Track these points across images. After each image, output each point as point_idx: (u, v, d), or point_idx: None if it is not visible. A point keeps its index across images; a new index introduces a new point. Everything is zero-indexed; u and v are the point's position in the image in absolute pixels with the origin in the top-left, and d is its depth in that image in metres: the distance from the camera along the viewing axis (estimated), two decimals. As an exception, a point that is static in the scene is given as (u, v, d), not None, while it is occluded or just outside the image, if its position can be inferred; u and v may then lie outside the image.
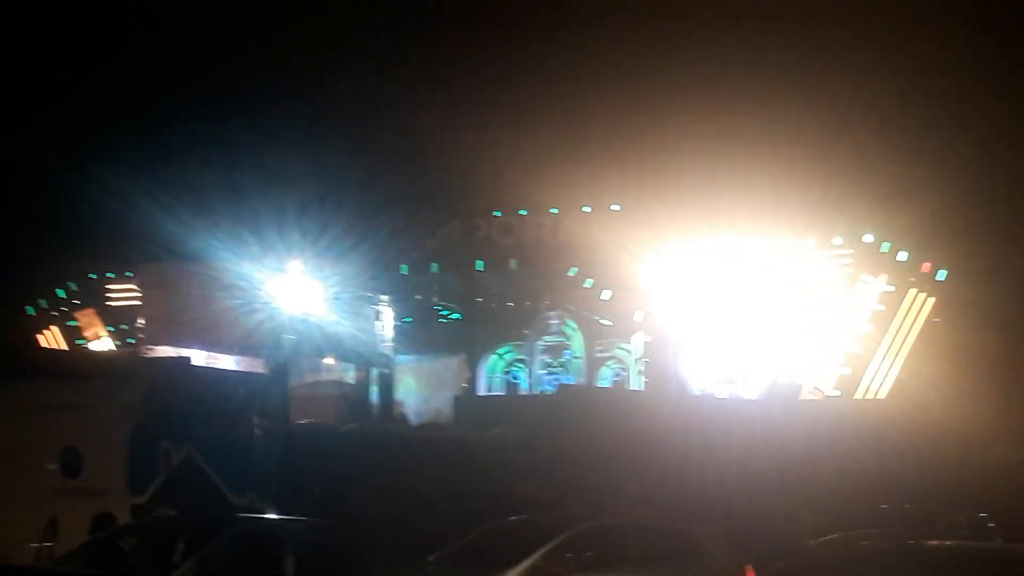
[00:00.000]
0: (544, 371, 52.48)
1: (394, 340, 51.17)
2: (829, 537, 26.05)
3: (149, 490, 25.65)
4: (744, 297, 48.34)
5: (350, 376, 49.61)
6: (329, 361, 48.92)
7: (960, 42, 49.44)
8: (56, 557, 22.54)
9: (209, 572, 20.31)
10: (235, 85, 53.48)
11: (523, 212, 50.98)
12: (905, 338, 47.88)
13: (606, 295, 49.80)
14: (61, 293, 54.14)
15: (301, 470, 32.20)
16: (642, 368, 50.55)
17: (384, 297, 50.92)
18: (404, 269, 50.89)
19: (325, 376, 48.50)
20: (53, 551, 23.21)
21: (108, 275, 53.67)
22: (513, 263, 50.93)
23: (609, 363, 52.30)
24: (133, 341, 50.05)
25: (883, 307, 47.80)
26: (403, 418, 48.63)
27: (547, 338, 52.69)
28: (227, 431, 30.37)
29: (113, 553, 21.42)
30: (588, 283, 49.77)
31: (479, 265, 51.05)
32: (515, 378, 53.22)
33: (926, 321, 47.80)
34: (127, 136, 53.48)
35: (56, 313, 54.17)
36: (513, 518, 25.52)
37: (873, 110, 49.62)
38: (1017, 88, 49.26)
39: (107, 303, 53.73)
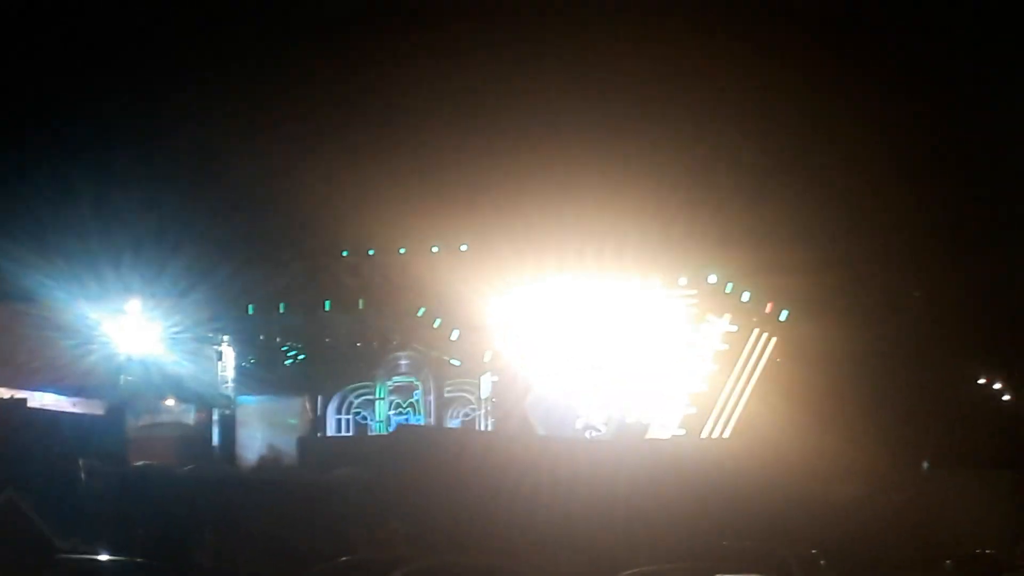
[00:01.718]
0: (393, 411, 52.10)
1: (236, 381, 50.54)
2: (630, 571, 26.40)
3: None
4: (591, 337, 48.53)
5: (191, 417, 48.91)
6: (169, 402, 48.21)
7: (797, 90, 50.25)
8: None
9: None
10: (73, 120, 52.46)
11: (371, 252, 50.72)
12: (749, 377, 48.42)
13: (455, 335, 49.66)
14: None
15: (134, 512, 31.69)
16: (490, 408, 50.42)
17: (226, 337, 50.32)
18: (251, 309, 50.29)
19: (165, 417, 47.77)
20: None
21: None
22: (361, 303, 50.61)
23: (458, 403, 52.10)
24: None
25: (727, 347, 48.27)
26: (243, 459, 48.02)
27: (396, 378, 52.37)
28: (58, 473, 29.83)
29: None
30: (437, 323, 49.57)
31: (327, 305, 50.60)
32: (364, 418, 52.76)
33: (769, 360, 48.38)
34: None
35: None
36: (344, 559, 25.34)
37: (717, 152, 50.06)
38: (855, 135, 50.12)
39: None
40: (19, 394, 41.14)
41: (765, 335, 48.46)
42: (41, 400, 41.58)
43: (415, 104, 53.36)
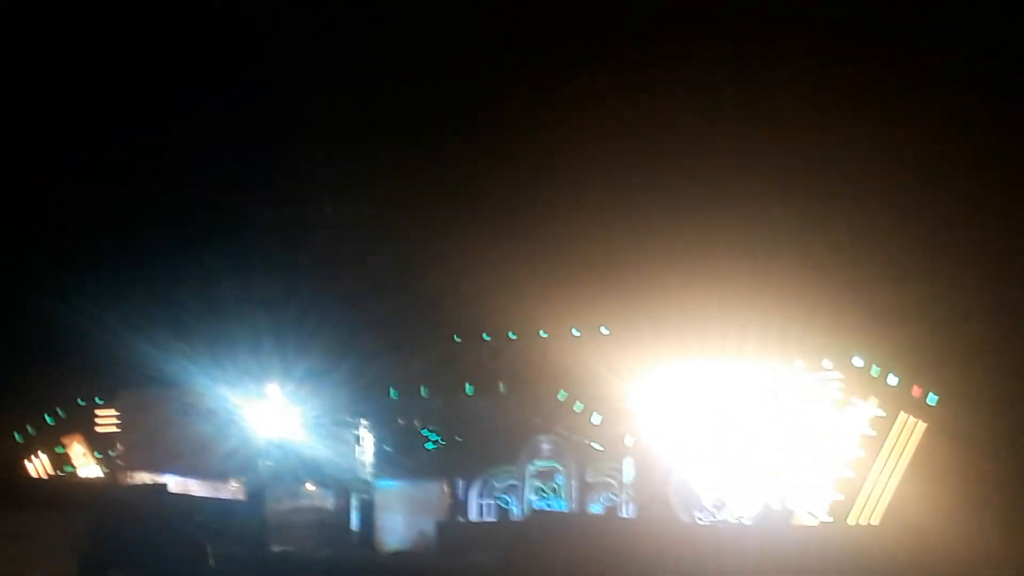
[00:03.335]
0: (535, 496, 51.73)
1: (376, 465, 50.66)
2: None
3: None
4: (734, 421, 47.83)
5: (330, 502, 49.03)
6: (309, 487, 48.39)
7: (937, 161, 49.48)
8: None
9: None
10: (208, 214, 53.51)
11: (512, 336, 50.74)
12: (897, 463, 47.21)
13: (596, 419, 49.29)
14: (49, 420, 53.66)
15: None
16: (632, 493, 49.82)
17: (365, 421, 50.51)
18: (394, 393, 50.52)
19: (304, 502, 47.94)
20: None
21: (96, 400, 53.24)
22: (502, 387, 50.55)
23: (600, 487, 51.58)
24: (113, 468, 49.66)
25: (874, 432, 47.18)
26: (382, 544, 48.00)
27: (538, 463, 52.03)
28: (196, 558, 30.02)
29: None
30: (578, 407, 49.28)
31: (468, 389, 50.64)
32: (506, 503, 52.45)
33: (917, 446, 47.15)
34: (104, 266, 53.41)
35: (44, 440, 53.67)
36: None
37: (861, 233, 49.38)
38: (1004, 218, 49.16)
39: (95, 429, 53.21)
40: (160, 479, 41.81)
41: (912, 419, 47.24)
42: (181, 485, 42.12)
43: (556, 188, 53.56)
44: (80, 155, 56.36)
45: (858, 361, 47.16)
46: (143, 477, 44.38)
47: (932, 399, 46.98)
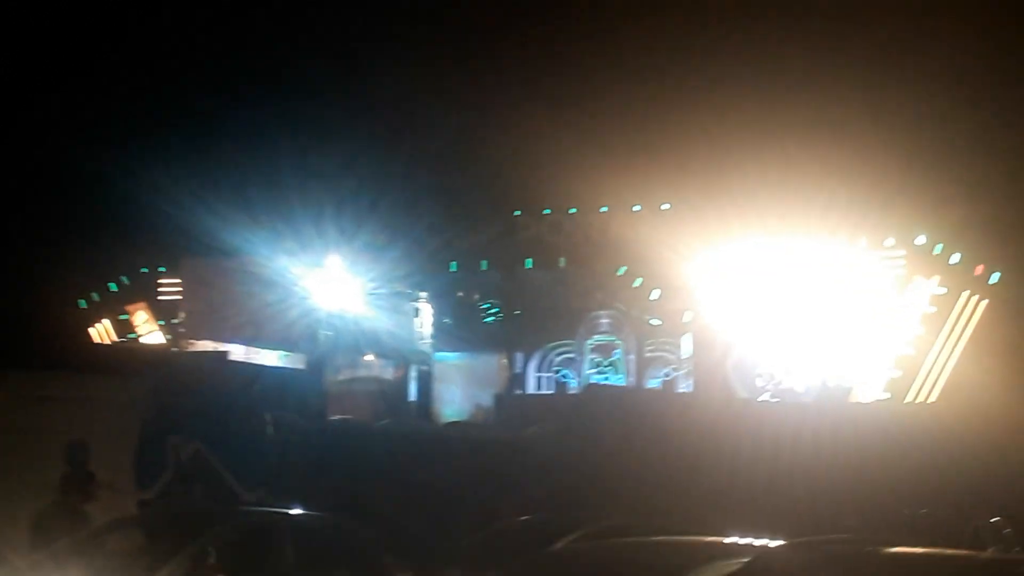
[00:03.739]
0: (594, 370, 52.00)
1: (435, 337, 51.01)
2: (796, 540, 25.69)
3: (156, 486, 25.60)
4: (794, 298, 47.64)
5: (388, 373, 49.45)
6: (367, 358, 48.79)
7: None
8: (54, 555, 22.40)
9: (205, 564, 20.15)
10: (270, 82, 53.58)
11: (573, 211, 50.69)
12: (957, 341, 46.97)
13: (655, 295, 49.30)
14: (113, 287, 54.26)
15: (327, 466, 32.08)
16: (691, 368, 49.96)
17: (424, 294, 50.76)
18: (454, 266, 50.70)
19: (362, 373, 48.35)
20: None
21: (160, 269, 53.76)
22: (562, 262, 50.59)
23: (659, 363, 51.77)
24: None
25: (935, 309, 46.88)
26: (439, 416, 48.45)
27: (597, 337, 52.24)
28: (255, 427, 30.30)
29: (99, 549, 21.24)
30: (637, 282, 49.29)
31: (528, 263, 50.71)
32: (564, 377, 52.79)
33: (978, 324, 46.86)
34: (168, 135, 53.76)
35: (108, 307, 54.33)
36: (524, 518, 25.27)
37: (923, 109, 48.75)
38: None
39: (158, 297, 53.81)
40: (222, 347, 42.22)
41: (975, 298, 46.90)
42: (243, 353, 42.54)
43: (617, 61, 53.24)
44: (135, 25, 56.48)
45: (921, 239, 46.82)
46: (205, 345, 44.86)
47: (994, 277, 46.66)
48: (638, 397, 44.42)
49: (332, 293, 46.91)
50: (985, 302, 46.89)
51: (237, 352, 42.03)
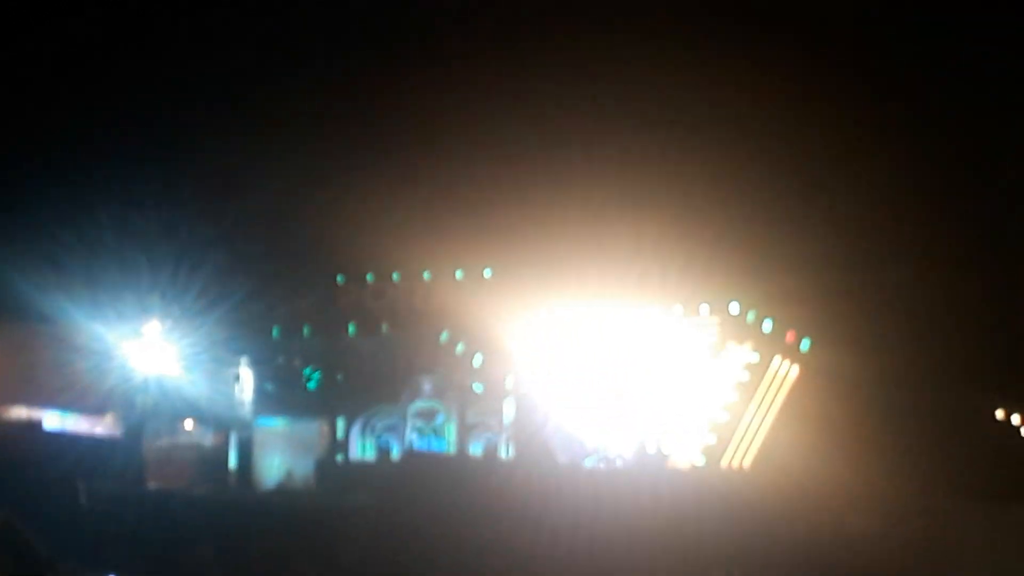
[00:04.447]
0: (416, 436, 52.03)
1: (255, 403, 50.69)
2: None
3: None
4: (612, 364, 48.39)
5: (208, 439, 49.02)
6: (187, 424, 48.34)
7: (827, 116, 50.26)
8: None
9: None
10: (90, 140, 52.99)
11: (396, 276, 50.95)
12: (770, 407, 48.14)
13: (478, 360, 49.68)
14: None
15: (143, 533, 31.81)
16: (511, 434, 50.30)
17: (245, 359, 50.50)
18: (276, 332, 50.55)
19: (182, 439, 47.89)
20: None
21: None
22: (385, 327, 50.77)
23: (480, 428, 51.99)
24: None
25: (748, 375, 47.99)
26: (259, 483, 48.11)
27: (419, 403, 52.31)
28: (68, 495, 29.95)
29: None
30: (460, 348, 49.62)
31: (351, 329, 50.81)
32: (386, 443, 52.71)
33: (790, 390, 48.10)
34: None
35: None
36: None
37: (737, 181, 50.12)
38: (877, 162, 50.11)
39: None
40: (35, 414, 41.54)
41: (786, 364, 48.17)
42: (57, 421, 41.89)
43: (441, 129, 53.68)
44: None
45: (734, 307, 47.92)
46: (17, 413, 44.04)
47: (805, 344, 47.96)
48: (457, 464, 44.69)
49: (150, 359, 46.47)
50: (796, 368, 48.20)
51: (51, 420, 41.39)
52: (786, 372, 48.22)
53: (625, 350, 48.27)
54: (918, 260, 50.00)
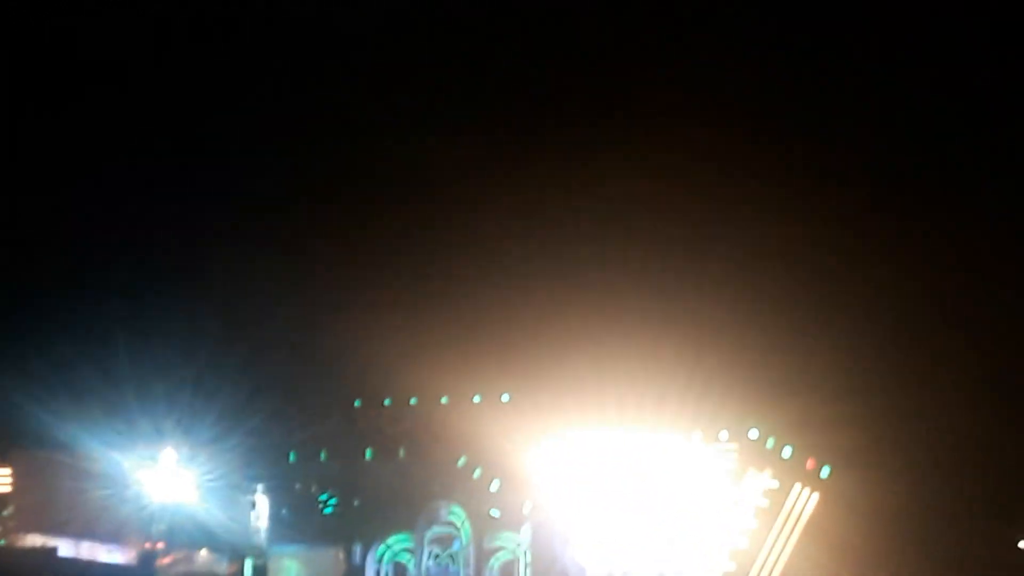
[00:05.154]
0: (432, 561, 51.64)
1: (271, 530, 50.37)
2: None
3: None
4: (631, 490, 48.13)
5: (223, 567, 48.67)
6: (202, 552, 48.04)
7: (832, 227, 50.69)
8: None
9: None
10: (105, 268, 53.34)
11: (413, 401, 50.90)
12: (791, 533, 47.74)
13: (495, 486, 49.45)
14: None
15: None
16: (529, 560, 49.93)
17: (260, 485, 50.29)
18: (292, 457, 50.45)
19: (197, 567, 47.57)
20: None
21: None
22: (402, 452, 50.66)
23: (498, 554, 51.59)
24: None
25: (768, 502, 47.69)
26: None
27: (436, 528, 51.98)
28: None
29: None
30: (477, 473, 49.44)
31: (368, 454, 50.67)
32: (403, 570, 52.28)
33: (810, 516, 47.74)
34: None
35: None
36: None
37: (757, 306, 50.22)
38: (899, 281, 50.29)
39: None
40: (50, 542, 41.38)
41: (807, 491, 47.85)
42: (72, 548, 41.74)
43: (458, 256, 53.95)
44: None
45: (753, 433, 47.74)
46: (33, 540, 43.94)
47: (825, 471, 47.68)
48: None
49: (166, 486, 46.39)
50: (816, 495, 47.86)
51: (66, 547, 41.23)
52: (806, 499, 47.87)
53: (644, 476, 48.04)
54: (939, 390, 49.80)
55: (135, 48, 59.09)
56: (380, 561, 52.10)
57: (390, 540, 52.24)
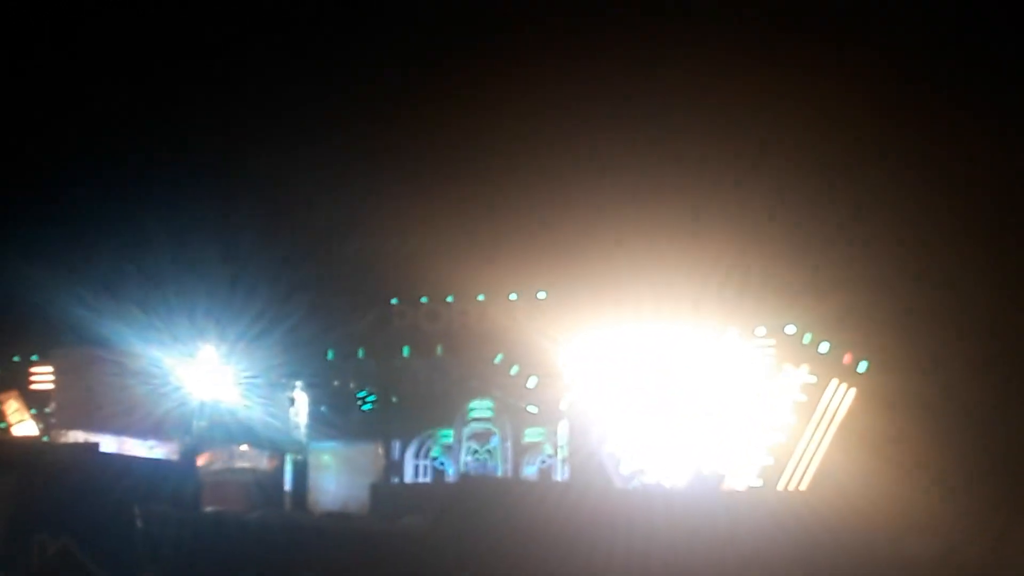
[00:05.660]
0: (471, 458, 52.00)
1: (310, 426, 50.82)
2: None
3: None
4: (667, 386, 48.22)
5: (263, 463, 49.18)
6: (242, 448, 48.52)
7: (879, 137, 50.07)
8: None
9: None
10: (143, 165, 53.48)
11: (450, 299, 51.01)
12: (827, 429, 47.79)
13: (532, 382, 49.65)
14: (-17, 375, 53.37)
15: (200, 558, 31.88)
16: (566, 456, 50.22)
17: (300, 382, 50.66)
18: (330, 355, 50.71)
19: (237, 463, 48.06)
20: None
21: (32, 358, 53.00)
22: (439, 349, 50.86)
23: (535, 449, 51.94)
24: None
25: (805, 397, 47.69)
26: (315, 505, 48.22)
27: (474, 425, 52.29)
28: (125, 519, 30.00)
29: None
30: (514, 370, 49.62)
31: (405, 351, 50.90)
32: (442, 465, 52.73)
33: (847, 412, 47.75)
34: (37, 223, 53.24)
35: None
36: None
37: (794, 201, 49.93)
38: (939, 182, 49.77)
39: (30, 387, 52.98)
40: (93, 438, 41.81)
41: (844, 386, 47.81)
42: (114, 444, 42.19)
43: (496, 152, 53.79)
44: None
45: (790, 329, 47.67)
46: (75, 436, 44.42)
47: (862, 366, 47.61)
48: (512, 487, 44.62)
49: (206, 383, 46.75)
50: (854, 391, 47.82)
51: (108, 443, 41.68)
52: (843, 394, 47.84)
53: (681, 372, 48.12)
54: (979, 280, 49.48)
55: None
56: (417, 457, 52.53)
57: (427, 436, 52.67)
